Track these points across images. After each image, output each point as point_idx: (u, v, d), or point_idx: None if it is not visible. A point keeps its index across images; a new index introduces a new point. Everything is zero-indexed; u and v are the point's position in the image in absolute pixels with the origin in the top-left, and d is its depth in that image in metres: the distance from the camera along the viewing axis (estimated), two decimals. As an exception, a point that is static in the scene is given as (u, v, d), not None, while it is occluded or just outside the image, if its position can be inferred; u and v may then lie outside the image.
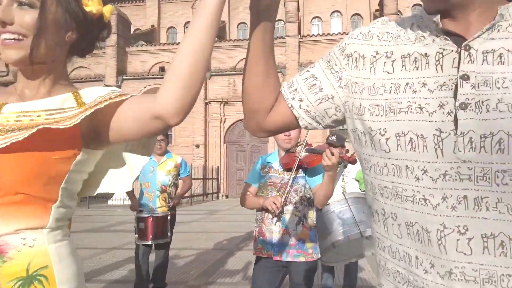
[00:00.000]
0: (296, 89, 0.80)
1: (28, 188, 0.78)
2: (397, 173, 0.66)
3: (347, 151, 1.96)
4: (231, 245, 6.86)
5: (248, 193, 2.30)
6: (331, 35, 21.40)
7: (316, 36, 21.65)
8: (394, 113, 0.66)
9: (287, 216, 2.13)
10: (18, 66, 0.84)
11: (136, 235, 3.68)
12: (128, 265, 5.17)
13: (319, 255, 2.15)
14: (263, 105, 0.82)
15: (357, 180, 3.83)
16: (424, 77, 0.65)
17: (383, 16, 19.32)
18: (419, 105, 0.64)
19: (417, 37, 0.69)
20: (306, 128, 0.83)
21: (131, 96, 0.86)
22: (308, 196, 2.18)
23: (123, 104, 0.84)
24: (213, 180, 20.05)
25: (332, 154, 1.85)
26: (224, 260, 5.70)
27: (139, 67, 22.17)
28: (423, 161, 0.63)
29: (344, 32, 21.94)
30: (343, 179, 3.80)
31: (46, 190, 0.80)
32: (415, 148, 0.64)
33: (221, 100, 20.40)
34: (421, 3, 0.70)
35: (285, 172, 2.21)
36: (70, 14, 0.84)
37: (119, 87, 21.23)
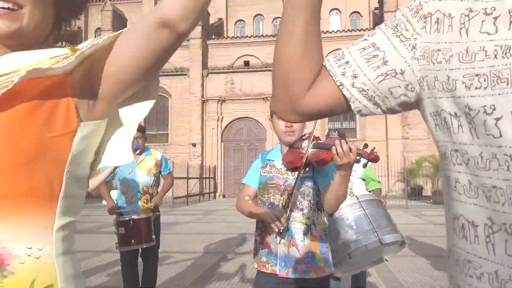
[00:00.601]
0: (347, 62, 0.61)
1: (25, 178, 0.64)
2: None
3: (366, 145, 1.63)
4: (228, 248, 6.56)
5: (247, 198, 1.98)
6: (330, 32, 21.13)
7: (315, 33, 21.34)
8: (508, 83, 0.48)
9: (293, 225, 1.81)
10: (8, 40, 0.72)
11: (117, 242, 3.30)
12: (118, 269, 4.85)
13: (332, 268, 1.85)
14: (300, 78, 0.63)
15: (363, 179, 3.52)
16: None
17: (382, 13, 18.98)
18: None
19: None
20: (359, 112, 0.61)
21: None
22: (317, 199, 1.86)
23: (120, 35, 0.73)
24: (210, 179, 19.75)
25: (350, 149, 1.54)
26: (220, 264, 5.40)
27: (135, 65, 21.80)
28: None
29: (343, 30, 21.68)
30: None
31: (47, 178, 0.67)
32: None
33: (218, 98, 20.09)
34: None
35: (289, 172, 1.90)
36: None
37: (115, 85, 20.91)
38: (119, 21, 22.09)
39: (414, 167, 17.28)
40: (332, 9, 27.44)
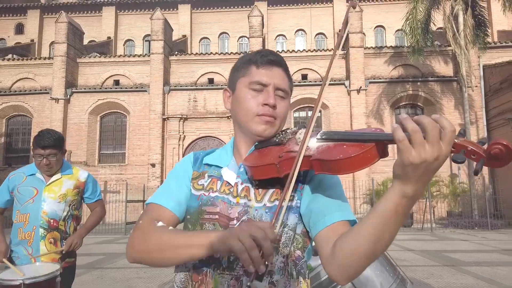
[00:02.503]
0: None
1: None
2: None
3: (462, 132, 0.75)
4: None
5: (158, 223, 0.98)
6: (296, 52, 20.85)
7: (280, 52, 20.99)
8: None
9: None
10: None
11: None
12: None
13: None
14: None
15: None
16: None
17: (347, 35, 18.83)
18: None
19: None
20: None
21: None
22: (297, 254, 0.98)
23: None
24: (170, 202, 18.47)
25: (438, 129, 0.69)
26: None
27: (91, 80, 20.46)
28: None
29: (309, 50, 21.49)
30: None
31: None
32: None
33: (180, 116, 19.06)
34: (383, 25, 0.45)
35: (252, 192, 1.00)
36: None
37: (68, 100, 19.45)
38: (75, 34, 20.79)
39: (381, 189, 16.90)
40: (298, 30, 27.44)
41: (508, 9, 14.53)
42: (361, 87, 18.63)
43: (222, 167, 1.07)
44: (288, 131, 1.04)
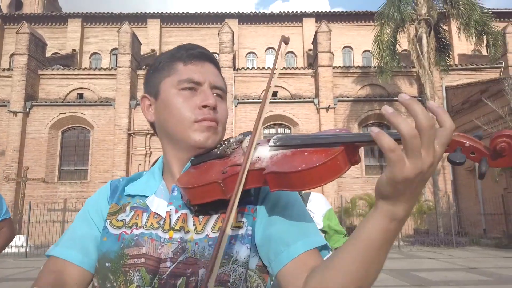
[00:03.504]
0: None
1: None
2: None
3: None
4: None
5: None
6: (266, 69, 20.91)
7: (251, 69, 21.01)
8: None
9: None
10: None
11: None
12: None
13: None
14: None
15: (324, 232, 2.20)
16: None
17: (316, 54, 19.07)
18: None
19: None
20: None
21: None
22: None
23: None
24: (135, 221, 17.74)
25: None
26: None
27: (53, 93, 19.61)
28: None
29: (279, 68, 21.56)
30: None
31: None
32: None
33: (147, 131, 18.51)
34: (351, 45, 0.48)
35: (191, 221, 0.78)
36: None
37: (27, 114, 18.50)
38: (37, 46, 19.96)
39: (349, 206, 16.93)
40: (268, 48, 27.71)
41: (466, 38, 15.18)
42: (330, 105, 18.83)
43: (148, 196, 0.84)
44: (231, 140, 0.82)
